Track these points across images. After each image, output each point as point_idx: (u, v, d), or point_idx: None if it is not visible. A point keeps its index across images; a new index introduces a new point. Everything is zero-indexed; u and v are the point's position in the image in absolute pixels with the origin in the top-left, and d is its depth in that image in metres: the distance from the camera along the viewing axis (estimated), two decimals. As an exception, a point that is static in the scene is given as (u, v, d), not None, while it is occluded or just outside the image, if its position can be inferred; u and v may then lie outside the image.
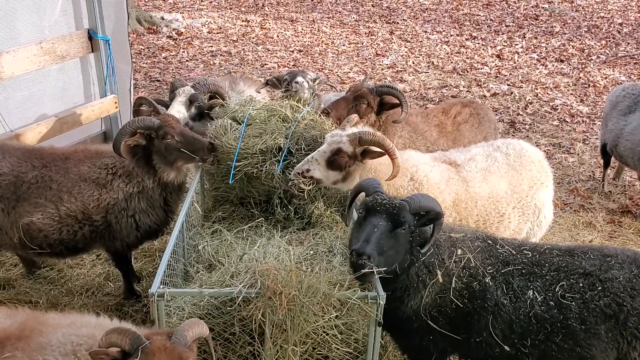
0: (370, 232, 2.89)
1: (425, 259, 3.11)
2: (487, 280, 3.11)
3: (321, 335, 3.09)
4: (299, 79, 5.49)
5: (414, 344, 3.27)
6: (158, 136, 4.10)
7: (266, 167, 4.17)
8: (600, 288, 3.01)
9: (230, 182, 4.20)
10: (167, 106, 5.27)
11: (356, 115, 4.52)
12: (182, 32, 13.25)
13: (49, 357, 2.45)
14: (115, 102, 6.32)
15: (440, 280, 3.07)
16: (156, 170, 4.23)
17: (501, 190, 4.32)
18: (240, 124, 4.46)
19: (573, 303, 3.00)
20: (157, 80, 10.40)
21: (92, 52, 6.16)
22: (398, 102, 5.07)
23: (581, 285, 3.04)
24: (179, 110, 5.06)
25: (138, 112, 5.10)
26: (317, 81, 5.96)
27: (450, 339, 3.15)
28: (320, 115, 4.62)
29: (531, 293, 3.05)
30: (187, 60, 11.55)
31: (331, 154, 3.84)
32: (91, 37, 6.06)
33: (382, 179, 3.77)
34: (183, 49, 12.26)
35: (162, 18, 13.59)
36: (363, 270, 2.87)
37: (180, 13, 14.60)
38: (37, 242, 4.15)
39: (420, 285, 3.10)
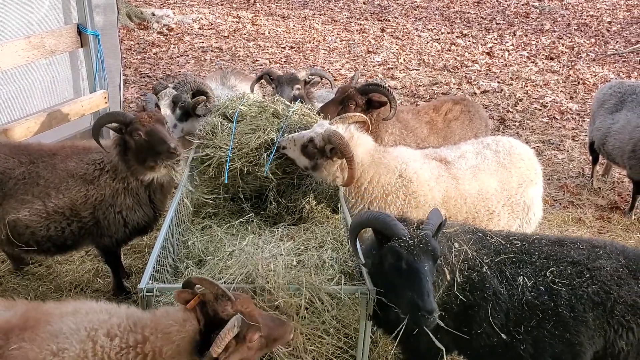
0: (424, 284, 2.81)
1: None
2: (484, 270, 3.14)
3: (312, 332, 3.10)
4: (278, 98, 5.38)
5: (420, 345, 3.24)
6: (127, 132, 4.02)
7: (259, 162, 4.16)
8: (587, 276, 3.07)
9: (225, 181, 4.19)
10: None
11: (362, 116, 4.50)
12: (172, 28, 13.16)
13: (63, 344, 2.43)
14: (105, 98, 6.27)
15: (448, 277, 3.09)
16: (131, 167, 4.11)
17: (491, 188, 4.33)
18: (230, 121, 4.44)
19: (562, 289, 3.05)
20: (148, 76, 10.32)
21: (82, 47, 6.10)
22: (386, 99, 5.06)
23: (569, 272, 3.09)
24: (164, 113, 5.06)
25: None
26: (310, 82, 5.84)
27: (452, 334, 3.15)
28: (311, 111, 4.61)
29: (521, 279, 3.10)
30: (177, 56, 11.47)
31: (306, 141, 3.97)
32: (80, 31, 6.01)
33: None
34: (174, 44, 12.18)
35: (153, 14, 13.50)
36: (432, 323, 2.81)
37: (171, 9, 14.51)
38: (24, 239, 4.10)
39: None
